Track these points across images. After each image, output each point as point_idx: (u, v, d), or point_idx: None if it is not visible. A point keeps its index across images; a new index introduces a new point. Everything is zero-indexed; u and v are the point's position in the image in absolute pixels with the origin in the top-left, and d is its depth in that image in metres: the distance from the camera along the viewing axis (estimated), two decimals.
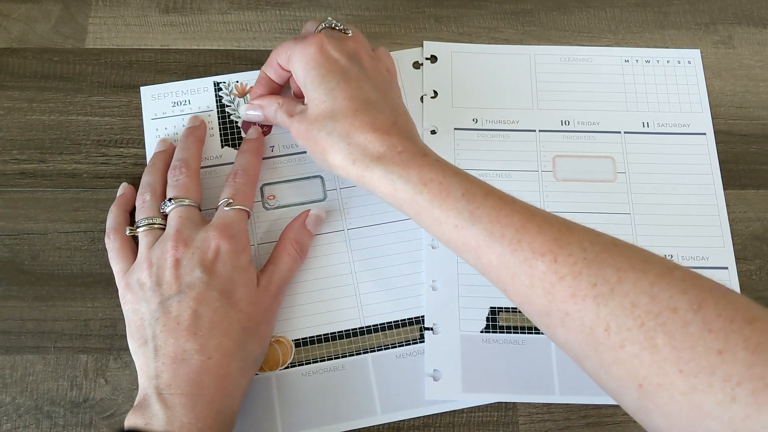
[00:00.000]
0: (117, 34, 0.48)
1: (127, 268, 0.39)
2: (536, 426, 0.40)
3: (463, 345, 0.41)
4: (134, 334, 0.37)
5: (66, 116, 0.46)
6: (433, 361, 0.41)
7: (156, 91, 0.47)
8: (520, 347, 0.41)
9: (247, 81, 0.47)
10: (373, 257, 0.43)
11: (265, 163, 0.45)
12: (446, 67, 0.48)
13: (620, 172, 0.45)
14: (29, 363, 0.41)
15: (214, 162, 0.45)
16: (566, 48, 0.49)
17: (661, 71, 0.48)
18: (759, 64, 0.49)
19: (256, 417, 0.39)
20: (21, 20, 0.48)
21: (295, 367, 0.41)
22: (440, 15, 0.50)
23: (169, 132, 0.46)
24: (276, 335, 0.41)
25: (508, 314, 0.42)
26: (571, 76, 0.48)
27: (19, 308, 0.42)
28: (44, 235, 0.43)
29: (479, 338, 0.41)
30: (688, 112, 0.47)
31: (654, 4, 0.51)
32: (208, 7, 0.50)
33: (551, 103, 0.47)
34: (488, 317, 0.42)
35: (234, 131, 0.46)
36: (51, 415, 0.39)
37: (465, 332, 0.42)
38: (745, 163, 0.46)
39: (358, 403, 0.40)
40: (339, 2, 0.50)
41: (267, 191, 0.44)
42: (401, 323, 0.42)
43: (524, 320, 0.42)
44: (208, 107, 0.46)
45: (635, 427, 0.40)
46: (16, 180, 0.44)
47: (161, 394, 0.34)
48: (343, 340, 0.41)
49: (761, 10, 0.51)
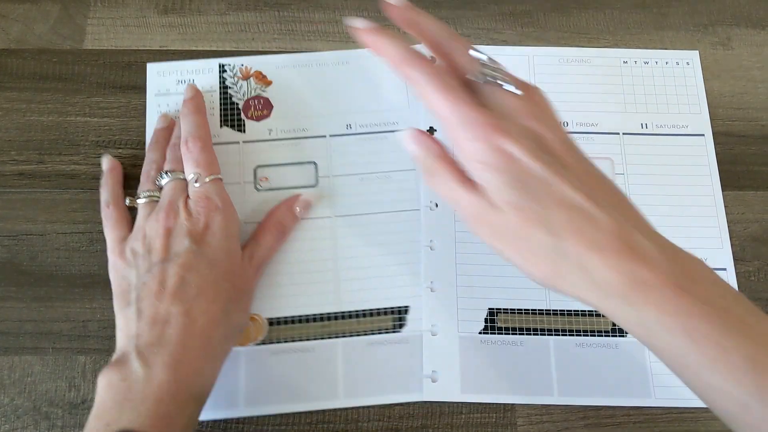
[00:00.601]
0: (115, 34, 0.48)
1: (123, 237, 0.40)
2: (535, 427, 0.40)
3: (461, 346, 0.41)
4: (118, 297, 0.38)
5: (64, 117, 0.46)
6: (432, 362, 0.41)
7: (162, 68, 0.48)
8: (519, 348, 0.41)
9: (252, 65, 0.48)
10: (357, 246, 0.44)
11: (260, 145, 0.46)
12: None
13: (618, 173, 0.45)
14: (27, 364, 0.40)
15: (213, 141, 0.46)
16: (565, 49, 0.49)
17: (660, 72, 0.48)
18: (757, 66, 0.49)
19: (221, 390, 0.40)
20: (19, 21, 0.48)
21: (266, 345, 0.41)
22: (439, 16, 0.50)
23: (170, 109, 0.47)
24: (251, 312, 0.42)
25: (506, 315, 0.42)
26: (570, 78, 0.48)
27: (17, 309, 0.42)
28: (43, 236, 0.43)
29: (478, 339, 0.41)
30: (686, 114, 0.47)
31: (653, 6, 0.51)
32: (206, 8, 0.50)
33: None
34: (486, 318, 0.42)
35: (234, 113, 0.47)
36: (49, 416, 0.39)
37: (463, 333, 0.42)
38: (743, 164, 0.46)
39: (322, 385, 0.41)
40: (338, 4, 0.50)
41: (260, 173, 0.45)
42: (376, 312, 0.42)
43: (522, 321, 0.42)
44: (211, 87, 0.47)
45: (634, 428, 0.40)
46: (14, 181, 0.44)
47: (141, 353, 0.34)
48: (316, 323, 0.42)
49: (760, 11, 0.51)
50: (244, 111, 0.47)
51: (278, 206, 0.43)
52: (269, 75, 0.48)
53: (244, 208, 0.44)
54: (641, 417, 0.40)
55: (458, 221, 0.44)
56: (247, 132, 0.46)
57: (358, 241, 0.44)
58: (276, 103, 0.47)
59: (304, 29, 0.49)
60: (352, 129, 0.46)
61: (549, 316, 0.42)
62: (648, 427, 0.40)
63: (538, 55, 0.48)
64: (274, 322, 0.42)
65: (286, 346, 0.41)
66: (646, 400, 0.40)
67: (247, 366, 0.41)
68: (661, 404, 0.40)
